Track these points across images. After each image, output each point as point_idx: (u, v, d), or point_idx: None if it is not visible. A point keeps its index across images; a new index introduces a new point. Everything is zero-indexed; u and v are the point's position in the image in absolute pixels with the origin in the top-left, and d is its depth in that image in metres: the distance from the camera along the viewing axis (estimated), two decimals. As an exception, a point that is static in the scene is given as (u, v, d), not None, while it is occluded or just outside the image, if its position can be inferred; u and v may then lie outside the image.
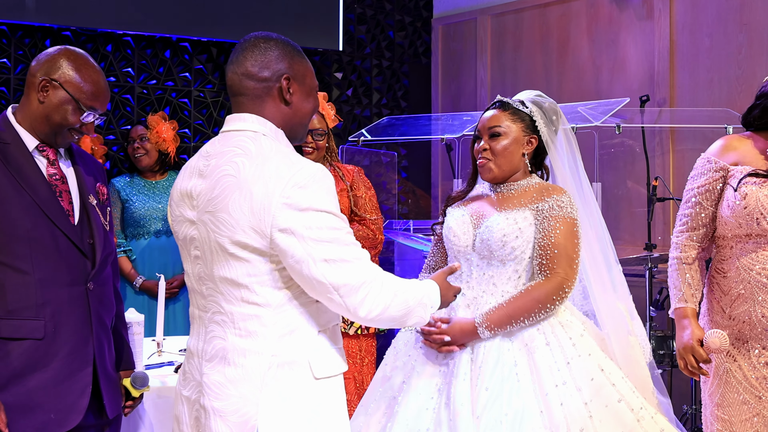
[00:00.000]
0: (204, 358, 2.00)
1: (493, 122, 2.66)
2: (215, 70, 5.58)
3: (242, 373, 1.92)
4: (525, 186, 2.66)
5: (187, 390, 2.06)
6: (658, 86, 5.15)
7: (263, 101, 2.02)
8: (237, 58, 2.03)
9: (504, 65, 6.03)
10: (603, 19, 5.48)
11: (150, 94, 5.34)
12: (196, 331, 2.07)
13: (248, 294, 1.93)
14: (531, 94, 2.74)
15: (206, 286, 2.00)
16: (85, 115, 2.39)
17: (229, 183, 1.92)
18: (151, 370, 3.05)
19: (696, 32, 5.04)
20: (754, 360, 2.70)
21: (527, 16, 5.89)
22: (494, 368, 2.45)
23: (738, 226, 2.70)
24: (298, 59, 2.06)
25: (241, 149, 1.95)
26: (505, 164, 2.65)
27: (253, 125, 2.00)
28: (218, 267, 1.95)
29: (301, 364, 1.94)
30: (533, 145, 2.68)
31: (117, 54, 5.24)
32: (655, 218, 4.94)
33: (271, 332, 1.93)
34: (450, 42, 6.37)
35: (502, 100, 2.71)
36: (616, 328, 2.64)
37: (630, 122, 4.61)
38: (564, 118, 2.74)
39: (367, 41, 6.18)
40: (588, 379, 2.44)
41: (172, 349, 3.25)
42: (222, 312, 1.96)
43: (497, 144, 2.64)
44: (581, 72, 5.57)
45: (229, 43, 5.57)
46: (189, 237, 2.03)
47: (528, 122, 2.67)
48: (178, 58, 5.44)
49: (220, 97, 5.58)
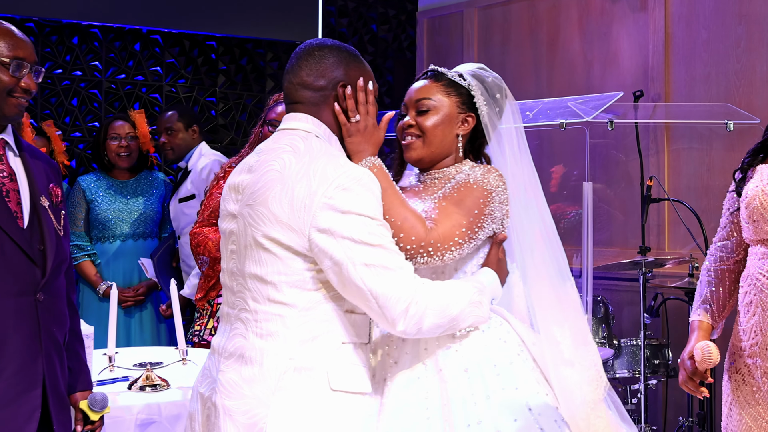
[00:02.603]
0: (223, 355, 1.99)
1: (422, 94, 2.23)
2: (188, 64, 5.34)
3: (258, 374, 1.91)
4: (453, 173, 2.22)
5: (203, 387, 2.05)
6: (652, 81, 4.99)
7: (320, 108, 2.05)
8: (292, 68, 2.06)
9: (491, 60, 5.85)
10: (595, 11, 5.33)
11: (119, 89, 5.11)
12: (222, 329, 2.07)
13: (275, 292, 1.91)
14: (472, 67, 2.33)
15: (237, 282, 2.00)
16: (14, 68, 2.20)
17: (272, 177, 1.93)
18: (101, 386, 2.81)
19: (692, 24, 4.88)
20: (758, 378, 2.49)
21: (515, 9, 5.75)
22: (402, 410, 2.04)
23: (748, 229, 2.51)
24: (354, 65, 2.08)
25: (290, 147, 1.97)
26: (434, 144, 2.21)
27: (307, 125, 2.03)
28: (249, 262, 1.95)
29: (319, 372, 1.91)
30: (470, 125, 2.24)
31: (84, 47, 5.02)
32: (650, 220, 4.78)
33: (293, 335, 1.91)
34: (435, 36, 6.22)
35: (435, 69, 2.29)
36: (553, 356, 2.22)
37: (623, 118, 4.41)
38: (514, 103, 2.34)
39: (348, 35, 5.97)
40: (510, 419, 2.00)
41: (126, 363, 3.00)
42: (247, 309, 1.96)
43: (426, 120, 2.21)
44: (572, 66, 5.42)
45: (202, 36, 5.33)
46: (228, 231, 2.04)
47: (465, 97, 2.24)
48: (148, 51, 5.21)
49: (193, 92, 5.35)
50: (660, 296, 4.31)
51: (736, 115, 4.08)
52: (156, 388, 2.80)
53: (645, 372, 4.13)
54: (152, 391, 2.79)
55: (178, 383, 2.85)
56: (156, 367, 2.91)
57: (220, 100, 5.48)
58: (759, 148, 2.62)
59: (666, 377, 4.29)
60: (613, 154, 5.13)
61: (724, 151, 4.67)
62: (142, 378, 2.82)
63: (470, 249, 2.10)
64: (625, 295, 4.95)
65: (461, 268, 2.15)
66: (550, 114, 3.83)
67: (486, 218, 2.10)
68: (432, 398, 2.03)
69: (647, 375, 4.16)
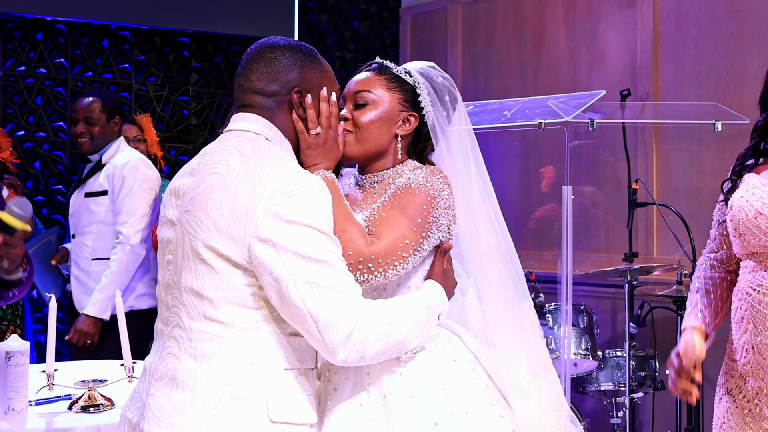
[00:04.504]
0: (154, 376, 1.83)
1: (361, 86, 2.04)
2: (159, 61, 5.15)
3: (189, 400, 1.74)
4: (393, 176, 2.03)
5: (131, 411, 1.90)
6: (640, 79, 4.82)
7: (273, 113, 1.90)
8: (243, 71, 1.92)
9: (476, 58, 5.70)
10: (581, 8, 5.15)
11: (86, 86, 4.91)
12: (154, 347, 1.91)
13: (211, 309, 1.75)
14: (422, 65, 2.13)
15: (172, 296, 1.84)
16: None
17: (214, 181, 1.77)
18: (39, 406, 2.61)
19: (682, 20, 4.71)
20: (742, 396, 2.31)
21: (500, 5, 5.60)
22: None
23: (735, 243, 2.34)
24: (310, 67, 1.92)
25: (237, 149, 1.82)
26: (368, 142, 2.01)
27: (257, 126, 1.88)
28: (186, 274, 1.79)
29: (257, 402, 1.74)
30: (411, 126, 2.03)
31: (48, 43, 4.81)
32: (638, 224, 4.60)
33: (230, 358, 1.74)
34: (419, 33, 6.05)
35: (381, 62, 2.10)
36: (513, 385, 2.01)
37: (610, 118, 4.22)
38: (464, 111, 2.14)
39: (329, 32, 5.78)
40: None
41: (67, 381, 2.80)
42: (182, 327, 1.80)
43: (363, 115, 2.01)
44: (558, 65, 5.24)
45: (174, 32, 5.14)
46: (165, 239, 1.89)
47: (410, 95, 2.04)
48: (117, 47, 5.01)
49: (164, 90, 5.16)
50: (647, 305, 4.13)
51: (725, 114, 3.90)
52: (99, 408, 2.60)
53: (631, 385, 3.94)
54: (95, 411, 2.59)
55: (123, 403, 2.64)
56: (99, 384, 2.71)
57: (193, 99, 5.28)
58: (746, 154, 2.43)
59: (653, 390, 4.11)
60: (599, 156, 4.95)
61: (714, 153, 4.50)
62: (84, 397, 2.62)
63: (415, 262, 1.91)
64: (610, 303, 4.77)
65: (405, 283, 1.95)
66: (528, 114, 3.64)
67: (431, 226, 1.90)
68: (376, 428, 1.84)
69: (633, 388, 3.98)
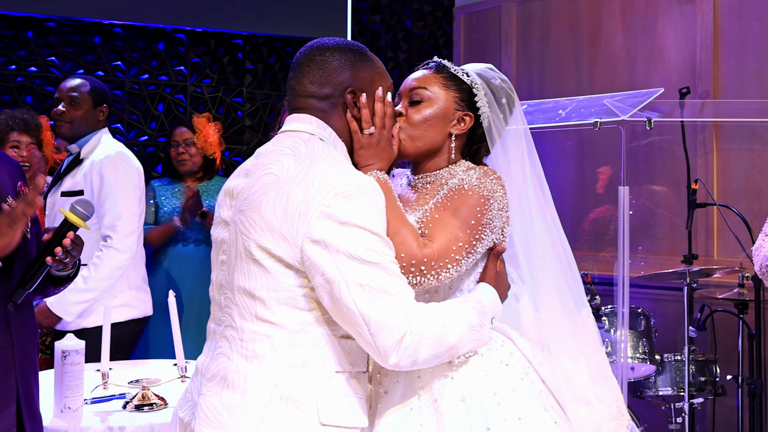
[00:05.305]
0: (205, 376, 1.83)
1: (418, 83, 2.01)
2: (213, 63, 5.19)
3: (240, 400, 1.74)
4: (446, 177, 1.99)
5: (183, 410, 1.91)
6: (700, 77, 4.71)
7: (327, 114, 1.89)
8: (294, 76, 1.91)
9: (530, 57, 5.63)
10: (639, 4, 5.07)
11: (142, 89, 4.99)
12: (207, 347, 1.92)
13: (263, 310, 1.75)
14: (480, 66, 2.10)
15: (225, 296, 1.84)
16: None
17: (268, 182, 1.77)
18: (94, 404, 2.65)
19: (744, 16, 4.60)
20: None
21: (555, 3, 5.52)
22: None
23: None
24: (362, 66, 1.90)
25: (291, 149, 1.82)
26: (422, 139, 1.98)
27: (311, 127, 1.87)
28: (239, 274, 1.78)
29: (307, 404, 1.73)
30: (466, 125, 1.99)
31: (106, 46, 4.88)
32: (698, 226, 4.49)
33: (281, 359, 1.74)
34: (473, 32, 6.00)
35: (439, 61, 2.07)
36: (570, 392, 1.96)
37: (668, 116, 4.13)
38: (521, 113, 2.09)
39: (381, 32, 5.76)
40: None
41: (121, 380, 2.83)
42: (233, 327, 1.79)
43: (417, 112, 1.98)
44: (615, 63, 5.16)
45: (228, 34, 5.17)
46: (219, 239, 1.89)
47: (466, 95, 2.00)
48: (172, 50, 5.07)
49: (218, 92, 5.19)
50: (707, 308, 4.02)
51: (790, 112, 3.79)
52: (153, 407, 2.63)
53: (690, 390, 3.85)
54: (149, 410, 2.61)
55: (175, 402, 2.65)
56: (153, 384, 2.73)
57: (247, 100, 5.31)
58: None
59: (713, 395, 4.00)
60: (657, 155, 4.85)
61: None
62: (138, 396, 2.65)
63: (468, 265, 1.87)
64: (669, 306, 4.67)
65: (457, 286, 1.92)
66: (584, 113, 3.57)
67: (485, 228, 1.86)
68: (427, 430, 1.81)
69: (693, 393, 3.88)
